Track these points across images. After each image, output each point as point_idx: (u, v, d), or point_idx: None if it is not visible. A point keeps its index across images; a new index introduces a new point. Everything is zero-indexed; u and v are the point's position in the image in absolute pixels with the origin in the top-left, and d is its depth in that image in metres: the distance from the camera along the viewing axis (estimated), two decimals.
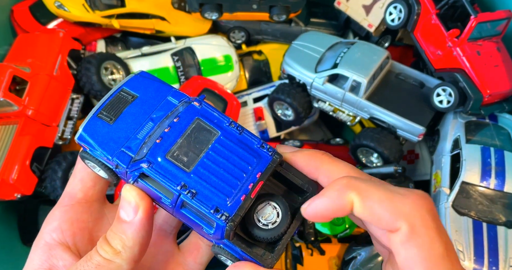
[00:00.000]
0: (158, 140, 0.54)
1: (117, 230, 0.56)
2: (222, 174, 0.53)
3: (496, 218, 1.41)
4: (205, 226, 0.53)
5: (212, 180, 0.53)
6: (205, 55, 2.00)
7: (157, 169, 0.53)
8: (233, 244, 0.52)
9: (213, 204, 0.51)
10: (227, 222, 0.51)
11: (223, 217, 0.50)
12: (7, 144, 1.55)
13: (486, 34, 1.57)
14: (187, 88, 1.89)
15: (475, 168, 1.48)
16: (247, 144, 0.56)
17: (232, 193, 0.52)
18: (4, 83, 1.51)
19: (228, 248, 0.54)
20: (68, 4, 1.81)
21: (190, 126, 0.56)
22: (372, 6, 1.89)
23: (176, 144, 0.54)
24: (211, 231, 0.52)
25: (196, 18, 2.01)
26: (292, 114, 1.92)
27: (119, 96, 0.59)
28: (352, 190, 0.48)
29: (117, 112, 0.57)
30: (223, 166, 0.54)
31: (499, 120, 1.64)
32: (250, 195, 0.53)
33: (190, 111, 0.57)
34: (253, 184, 0.53)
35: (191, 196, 0.51)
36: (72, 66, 1.78)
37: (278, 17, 1.96)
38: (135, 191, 0.56)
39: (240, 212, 0.52)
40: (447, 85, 1.60)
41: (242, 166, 0.54)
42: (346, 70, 1.69)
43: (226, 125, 0.57)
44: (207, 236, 0.56)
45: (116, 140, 0.55)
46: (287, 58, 1.88)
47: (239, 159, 0.55)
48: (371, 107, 1.71)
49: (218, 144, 0.55)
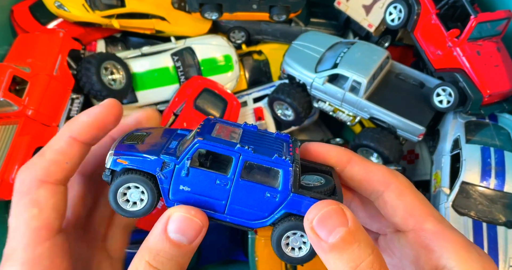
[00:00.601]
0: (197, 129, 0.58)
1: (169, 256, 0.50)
2: (264, 145, 0.56)
3: (496, 218, 1.41)
4: (269, 190, 0.54)
5: (259, 144, 0.56)
6: (205, 55, 2.00)
7: (210, 140, 0.54)
8: (302, 194, 0.53)
9: (273, 153, 0.53)
10: (292, 163, 0.53)
11: (287, 159, 0.52)
12: (7, 144, 1.55)
13: (486, 34, 1.57)
14: (187, 88, 1.89)
15: (475, 168, 1.48)
16: (266, 133, 0.61)
17: (281, 150, 0.55)
18: (4, 83, 1.51)
19: (294, 207, 0.53)
20: (68, 4, 1.81)
21: (215, 126, 0.59)
22: (372, 6, 1.89)
23: (214, 131, 0.57)
24: (278, 189, 0.53)
25: (196, 18, 2.01)
26: (292, 114, 1.92)
27: (133, 134, 0.64)
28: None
29: (140, 139, 0.61)
30: (261, 142, 0.57)
31: (499, 120, 1.64)
32: (295, 151, 0.56)
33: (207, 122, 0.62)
34: (292, 148, 0.57)
35: (252, 151, 0.53)
36: (72, 66, 1.78)
37: (278, 17, 1.96)
38: (193, 209, 0.53)
39: (296, 158, 0.54)
40: (447, 85, 1.60)
41: (273, 142, 0.58)
42: (346, 70, 1.69)
43: (243, 125, 0.62)
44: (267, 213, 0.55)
45: (151, 150, 0.58)
46: (287, 58, 1.88)
47: (268, 139, 0.59)
48: (371, 107, 1.71)
49: (245, 133, 0.59)
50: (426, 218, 0.55)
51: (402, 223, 0.56)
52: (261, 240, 1.71)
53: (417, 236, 0.54)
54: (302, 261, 0.54)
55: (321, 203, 0.49)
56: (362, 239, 0.46)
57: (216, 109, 1.88)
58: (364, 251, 0.45)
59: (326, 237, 0.46)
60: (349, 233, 0.46)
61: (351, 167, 0.60)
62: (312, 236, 0.47)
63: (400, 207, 0.56)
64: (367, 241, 0.47)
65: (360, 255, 0.45)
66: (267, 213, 0.55)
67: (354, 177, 0.59)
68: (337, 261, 0.46)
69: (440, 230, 0.53)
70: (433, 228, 0.54)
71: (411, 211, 0.55)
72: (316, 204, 0.50)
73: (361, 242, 0.46)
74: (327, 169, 0.61)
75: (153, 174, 0.56)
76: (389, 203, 0.56)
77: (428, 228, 0.54)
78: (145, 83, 1.93)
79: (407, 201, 0.56)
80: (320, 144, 0.62)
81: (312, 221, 0.48)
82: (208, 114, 1.85)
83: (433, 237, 0.53)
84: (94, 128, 0.61)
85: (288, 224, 0.53)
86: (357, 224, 0.48)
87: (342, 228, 0.46)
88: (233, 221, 0.55)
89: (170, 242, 0.51)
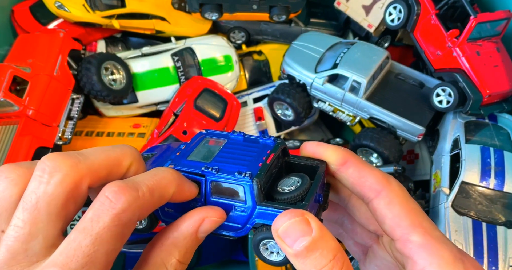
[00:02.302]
0: (177, 153, 0.61)
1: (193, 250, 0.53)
2: (237, 159, 0.59)
3: (496, 218, 1.41)
4: (237, 203, 0.57)
5: (230, 161, 0.59)
6: (205, 55, 2.01)
7: (181, 164, 0.58)
8: (266, 206, 0.56)
9: (235, 170, 0.56)
10: (252, 178, 0.55)
11: (247, 176, 0.55)
12: (7, 144, 1.56)
13: (485, 35, 1.58)
14: (187, 88, 1.89)
15: (474, 168, 1.48)
16: (252, 140, 0.63)
17: (250, 165, 0.57)
18: (4, 84, 1.52)
19: (263, 217, 0.56)
20: (69, 4, 1.81)
21: (201, 143, 0.64)
22: (372, 6, 1.89)
23: (193, 153, 0.61)
24: (243, 204, 0.57)
25: (196, 18, 2.02)
26: (292, 115, 1.92)
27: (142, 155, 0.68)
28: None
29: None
30: (237, 155, 0.60)
31: (498, 120, 1.65)
32: (266, 161, 0.58)
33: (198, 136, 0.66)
34: (265, 157, 0.59)
35: (215, 171, 0.56)
36: (73, 67, 1.78)
37: (278, 17, 1.97)
38: (219, 209, 0.56)
39: (261, 171, 0.56)
40: (446, 86, 1.60)
41: (252, 151, 0.61)
42: (346, 70, 1.69)
43: (231, 134, 0.64)
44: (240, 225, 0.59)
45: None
46: (287, 58, 1.88)
47: (248, 149, 0.61)
48: (371, 107, 1.72)
49: (228, 145, 0.62)
50: (414, 229, 0.55)
51: (390, 232, 0.57)
52: None
53: (403, 247, 0.55)
54: (281, 263, 0.60)
55: (285, 214, 0.51)
56: (324, 246, 0.49)
57: (216, 109, 1.88)
58: (326, 257, 0.49)
59: (291, 244, 0.50)
60: (312, 242, 0.49)
61: (346, 168, 0.60)
62: (279, 243, 0.51)
63: (388, 217, 0.56)
64: (330, 248, 0.50)
65: (321, 261, 0.49)
66: (240, 225, 0.59)
67: (348, 179, 0.60)
68: (302, 265, 0.50)
69: (425, 243, 0.54)
70: (419, 240, 0.54)
71: (398, 222, 0.55)
72: (280, 215, 0.52)
73: (324, 249, 0.49)
74: (317, 164, 0.62)
75: None
76: (378, 211, 0.57)
77: (413, 240, 0.54)
78: (145, 84, 1.93)
79: (395, 210, 0.56)
80: (317, 144, 0.63)
81: (277, 231, 0.51)
82: (208, 114, 1.86)
83: (418, 249, 0.53)
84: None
85: (261, 234, 0.58)
86: (321, 232, 0.50)
87: (305, 237, 0.49)
88: (217, 232, 0.60)
89: (197, 240, 0.55)
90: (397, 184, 0.59)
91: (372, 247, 0.66)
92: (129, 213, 0.46)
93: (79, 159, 0.48)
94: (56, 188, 0.46)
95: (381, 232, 0.63)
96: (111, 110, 1.96)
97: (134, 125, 1.94)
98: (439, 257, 0.52)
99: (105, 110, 1.96)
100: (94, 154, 0.51)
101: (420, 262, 0.53)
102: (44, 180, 0.46)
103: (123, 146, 0.55)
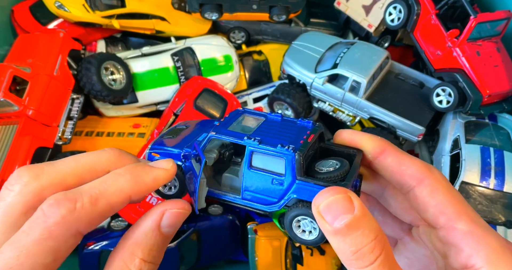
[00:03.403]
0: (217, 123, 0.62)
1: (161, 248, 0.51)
2: (277, 134, 0.59)
3: (496, 218, 1.41)
4: (275, 176, 0.57)
5: (271, 135, 0.58)
6: (205, 55, 2.01)
7: (222, 133, 0.59)
8: (306, 181, 0.55)
9: (277, 143, 0.56)
10: (295, 152, 0.55)
11: (290, 149, 0.55)
12: (7, 144, 1.56)
13: (485, 35, 1.58)
14: (187, 88, 1.89)
15: (474, 168, 1.48)
16: (290, 121, 0.64)
17: (291, 141, 0.57)
18: (4, 84, 1.52)
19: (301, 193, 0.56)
20: (68, 4, 1.81)
21: (239, 118, 0.64)
22: (372, 6, 1.89)
23: (232, 125, 0.62)
24: (282, 177, 0.56)
25: (196, 18, 2.02)
26: (292, 115, 1.92)
27: (175, 128, 0.70)
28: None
29: (178, 132, 0.68)
30: (277, 131, 0.60)
31: (498, 120, 1.65)
32: (307, 139, 0.58)
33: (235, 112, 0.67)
34: (306, 136, 0.59)
35: (258, 142, 0.56)
36: (72, 67, 1.78)
37: (278, 17, 1.97)
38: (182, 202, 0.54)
39: (303, 147, 0.56)
40: (446, 86, 1.60)
41: (292, 129, 0.61)
42: (346, 70, 1.69)
43: (268, 114, 0.65)
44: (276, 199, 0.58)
45: (180, 143, 0.64)
46: (287, 58, 1.88)
47: (288, 128, 0.62)
48: (371, 107, 1.72)
49: (266, 122, 0.63)
50: (459, 217, 0.54)
51: (433, 220, 0.55)
52: (261, 240, 1.72)
53: (447, 234, 0.54)
54: (313, 243, 0.58)
55: (328, 190, 0.50)
56: (366, 226, 0.48)
57: (216, 109, 1.88)
58: (368, 236, 0.47)
59: (331, 221, 0.48)
60: (354, 220, 0.48)
61: (384, 157, 0.59)
62: (319, 219, 0.49)
63: (431, 204, 0.55)
64: (372, 228, 0.48)
65: (362, 241, 0.47)
66: (276, 199, 0.58)
67: (386, 168, 0.59)
68: (341, 243, 0.48)
69: (472, 230, 0.53)
70: (465, 227, 0.53)
71: (442, 209, 0.54)
72: (323, 191, 0.50)
73: (365, 229, 0.48)
74: (352, 152, 0.61)
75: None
76: (420, 199, 0.56)
77: (459, 228, 0.53)
78: (145, 84, 1.93)
79: (439, 198, 0.55)
80: (353, 132, 0.62)
81: (318, 206, 0.49)
82: (208, 114, 1.86)
83: (464, 237, 0.53)
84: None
85: (296, 210, 0.57)
86: (364, 211, 0.49)
87: (347, 215, 0.48)
88: (248, 204, 0.60)
89: (163, 236, 0.52)
90: (439, 172, 0.58)
91: (403, 239, 0.65)
92: (62, 226, 0.44)
93: (43, 169, 0.49)
94: (14, 198, 0.46)
95: (417, 223, 0.62)
96: (111, 110, 1.96)
97: (134, 125, 1.94)
98: (486, 245, 0.51)
99: (105, 110, 1.96)
100: (63, 163, 0.51)
101: (466, 249, 0.52)
102: (7, 191, 0.47)
103: (100, 151, 0.54)
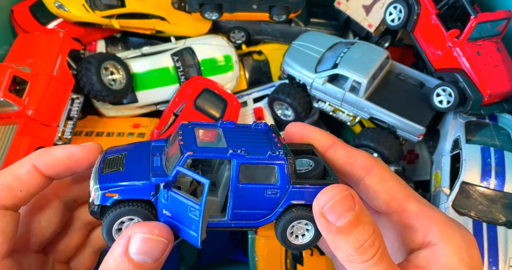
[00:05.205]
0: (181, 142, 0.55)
1: None
2: (251, 142, 0.56)
3: (496, 218, 1.41)
4: (268, 187, 0.54)
5: (247, 145, 0.54)
6: (205, 55, 2.00)
7: (200, 151, 0.52)
8: (302, 184, 0.54)
9: (264, 151, 0.53)
10: (286, 156, 0.53)
11: (281, 154, 0.53)
12: (7, 144, 1.55)
13: (486, 34, 1.58)
14: (187, 88, 1.89)
15: (475, 168, 1.48)
16: (245, 127, 0.62)
17: (270, 145, 0.55)
18: (4, 83, 1.51)
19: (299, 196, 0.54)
20: (68, 4, 1.81)
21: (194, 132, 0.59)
22: (372, 6, 1.89)
23: (196, 141, 0.56)
24: (276, 185, 0.54)
25: (196, 18, 2.01)
26: (292, 114, 1.92)
27: (107, 158, 0.60)
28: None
29: (119, 163, 0.57)
30: (247, 139, 0.57)
31: (499, 120, 1.64)
32: (281, 141, 0.57)
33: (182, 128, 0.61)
34: (276, 138, 0.58)
35: (244, 153, 0.52)
36: (72, 66, 1.78)
37: (278, 17, 1.96)
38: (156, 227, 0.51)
39: (286, 150, 0.55)
40: (447, 85, 1.60)
41: (257, 135, 0.58)
42: (346, 70, 1.69)
43: (220, 123, 0.61)
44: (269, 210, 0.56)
45: (137, 174, 0.55)
46: (287, 58, 1.88)
47: (251, 134, 0.59)
48: (371, 107, 1.71)
49: (227, 132, 0.58)
50: (408, 200, 0.57)
51: (385, 206, 0.58)
52: (261, 240, 1.71)
53: (401, 217, 0.57)
54: (307, 246, 0.57)
55: (332, 189, 0.50)
56: (365, 221, 0.49)
57: (216, 109, 1.88)
58: (367, 231, 0.49)
59: (334, 220, 0.49)
60: (356, 217, 0.49)
61: (334, 150, 0.62)
62: (321, 220, 0.50)
63: (382, 191, 0.58)
64: (369, 222, 0.50)
65: (364, 236, 0.48)
66: (270, 210, 0.56)
67: (337, 161, 0.61)
68: (343, 241, 0.49)
69: (422, 210, 0.56)
70: (416, 208, 0.57)
71: (393, 194, 0.58)
72: (325, 190, 0.51)
73: (365, 224, 0.49)
74: (308, 148, 0.62)
75: (148, 200, 0.54)
76: (371, 187, 0.59)
77: (410, 209, 0.57)
78: (145, 83, 1.93)
79: (388, 185, 0.58)
80: (304, 125, 0.64)
81: (323, 207, 0.50)
82: (208, 114, 1.85)
83: (416, 217, 0.56)
84: (63, 166, 0.58)
85: (291, 215, 0.55)
86: (362, 207, 0.50)
87: (350, 212, 0.49)
88: (238, 225, 0.55)
89: (133, 264, 0.48)
90: (383, 162, 0.62)
91: None
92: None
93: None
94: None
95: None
96: (111, 110, 1.96)
97: (134, 125, 1.93)
98: (437, 221, 0.54)
99: (105, 110, 1.95)
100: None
101: (421, 228, 0.55)
102: None
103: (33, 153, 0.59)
